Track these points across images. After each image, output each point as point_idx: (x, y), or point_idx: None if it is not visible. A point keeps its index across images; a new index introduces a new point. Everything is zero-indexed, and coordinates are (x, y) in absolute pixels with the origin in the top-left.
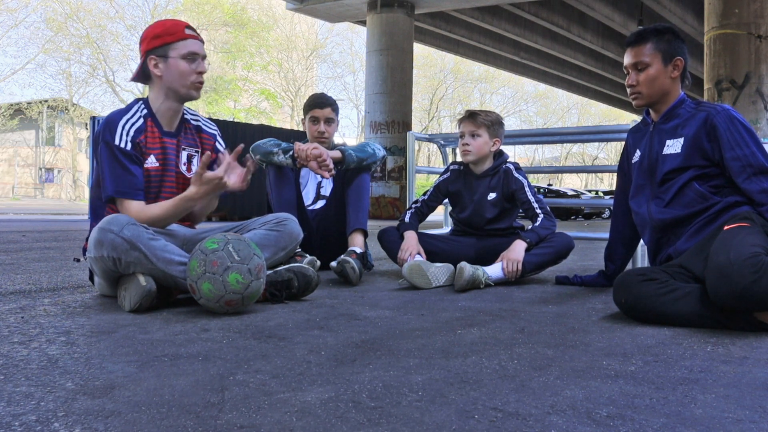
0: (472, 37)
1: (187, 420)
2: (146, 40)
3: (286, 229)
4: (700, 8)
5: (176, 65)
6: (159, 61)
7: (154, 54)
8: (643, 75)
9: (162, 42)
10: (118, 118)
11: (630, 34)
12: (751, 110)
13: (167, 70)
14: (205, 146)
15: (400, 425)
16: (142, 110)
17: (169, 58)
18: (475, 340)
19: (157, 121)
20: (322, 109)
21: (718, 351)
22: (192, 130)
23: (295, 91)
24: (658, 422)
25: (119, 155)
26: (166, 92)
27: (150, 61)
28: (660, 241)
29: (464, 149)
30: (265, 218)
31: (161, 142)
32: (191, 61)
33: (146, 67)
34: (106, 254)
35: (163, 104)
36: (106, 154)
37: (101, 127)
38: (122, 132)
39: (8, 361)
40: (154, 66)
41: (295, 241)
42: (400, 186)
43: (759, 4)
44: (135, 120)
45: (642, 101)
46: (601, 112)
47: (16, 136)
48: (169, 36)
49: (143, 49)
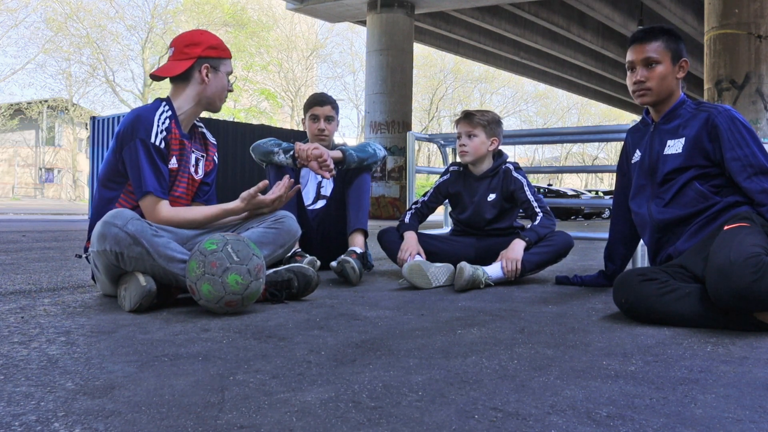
0: (472, 37)
1: (187, 420)
2: (201, 45)
3: (285, 226)
4: (700, 8)
5: (222, 80)
6: (210, 71)
7: (208, 62)
8: (653, 71)
9: (218, 54)
10: (152, 116)
11: (636, 31)
12: (751, 110)
13: (215, 81)
14: (209, 153)
15: (400, 425)
16: (167, 111)
17: (219, 71)
18: (475, 340)
19: (179, 123)
20: (322, 106)
21: (718, 351)
22: (199, 135)
23: (295, 91)
24: (658, 422)
25: (154, 153)
26: (200, 99)
27: (203, 68)
28: (660, 241)
29: (461, 150)
30: (263, 216)
31: (180, 144)
32: (228, 80)
33: (193, 70)
34: (109, 248)
35: (192, 109)
36: (141, 152)
37: (130, 124)
38: (157, 130)
39: (8, 361)
40: (205, 74)
41: (293, 237)
42: (400, 186)
43: (759, 4)
44: (164, 119)
45: (650, 98)
46: (601, 112)
47: (16, 136)
48: (224, 51)
49: (197, 53)
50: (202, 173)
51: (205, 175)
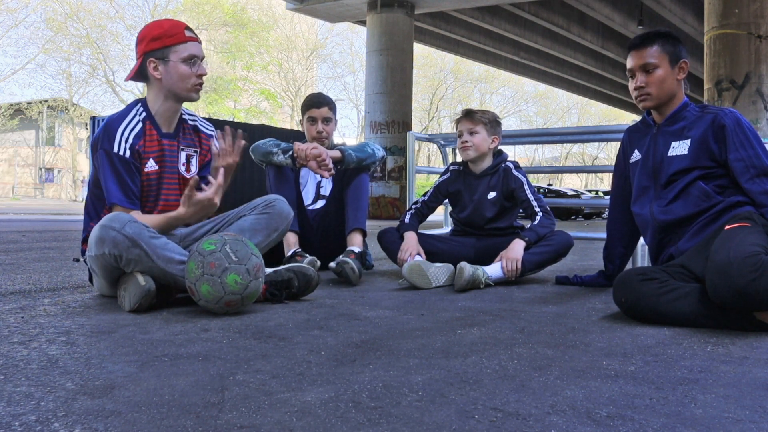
0: (472, 37)
1: (187, 420)
2: (144, 41)
3: (275, 210)
4: (700, 8)
5: (176, 68)
6: (158, 64)
7: (153, 56)
8: (652, 76)
9: (162, 44)
10: (117, 125)
11: (633, 38)
12: (751, 110)
13: (167, 73)
14: (203, 146)
15: (400, 425)
16: (141, 113)
17: (169, 61)
18: (475, 340)
19: (156, 123)
20: (319, 108)
21: (718, 351)
22: (190, 130)
23: (295, 91)
24: (658, 422)
25: (117, 163)
26: (165, 94)
27: (149, 64)
28: (662, 241)
29: (464, 146)
30: (253, 203)
31: (160, 144)
32: (191, 64)
33: (144, 68)
34: (108, 251)
35: (162, 105)
36: (105, 162)
37: (99, 133)
38: (121, 139)
39: (8, 361)
40: (154, 69)
41: (286, 220)
42: (400, 186)
43: (759, 4)
44: (134, 125)
45: (651, 102)
46: (601, 112)
47: (16, 136)
48: (169, 38)
49: (141, 50)
50: (196, 169)
51: (200, 170)
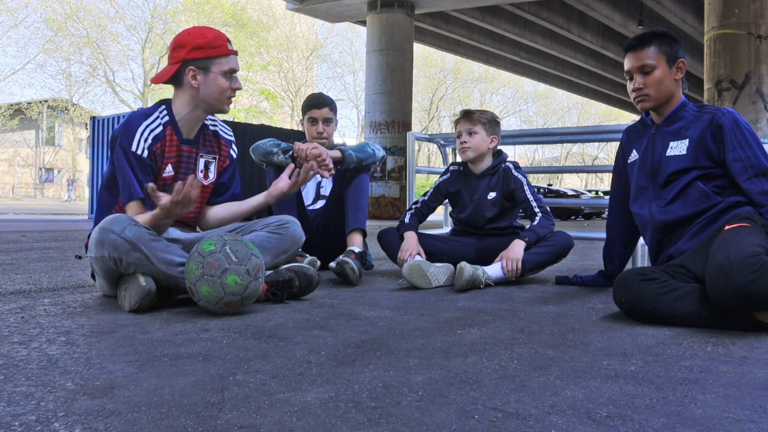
0: (472, 37)
1: (187, 420)
2: (186, 48)
3: (288, 233)
4: (700, 8)
5: (216, 81)
6: (198, 73)
7: (194, 65)
8: (649, 77)
9: (205, 55)
10: (138, 124)
11: (630, 39)
12: (751, 110)
13: (206, 83)
14: (221, 152)
15: (400, 425)
16: (164, 117)
17: (210, 72)
18: (475, 340)
19: (178, 128)
20: (319, 109)
21: (718, 351)
22: (210, 135)
23: (295, 91)
24: (658, 422)
25: (134, 161)
26: (197, 103)
27: (188, 72)
28: (662, 241)
29: (463, 146)
30: (267, 220)
31: (178, 150)
32: (230, 78)
33: (180, 74)
34: (107, 254)
35: (191, 113)
36: (122, 159)
37: (119, 129)
38: (140, 138)
39: (8, 361)
40: (192, 77)
41: (296, 244)
42: (400, 186)
43: (759, 4)
44: (154, 126)
45: (649, 103)
46: (601, 112)
47: (16, 136)
48: (213, 50)
49: (181, 56)
50: (214, 176)
51: (218, 176)
